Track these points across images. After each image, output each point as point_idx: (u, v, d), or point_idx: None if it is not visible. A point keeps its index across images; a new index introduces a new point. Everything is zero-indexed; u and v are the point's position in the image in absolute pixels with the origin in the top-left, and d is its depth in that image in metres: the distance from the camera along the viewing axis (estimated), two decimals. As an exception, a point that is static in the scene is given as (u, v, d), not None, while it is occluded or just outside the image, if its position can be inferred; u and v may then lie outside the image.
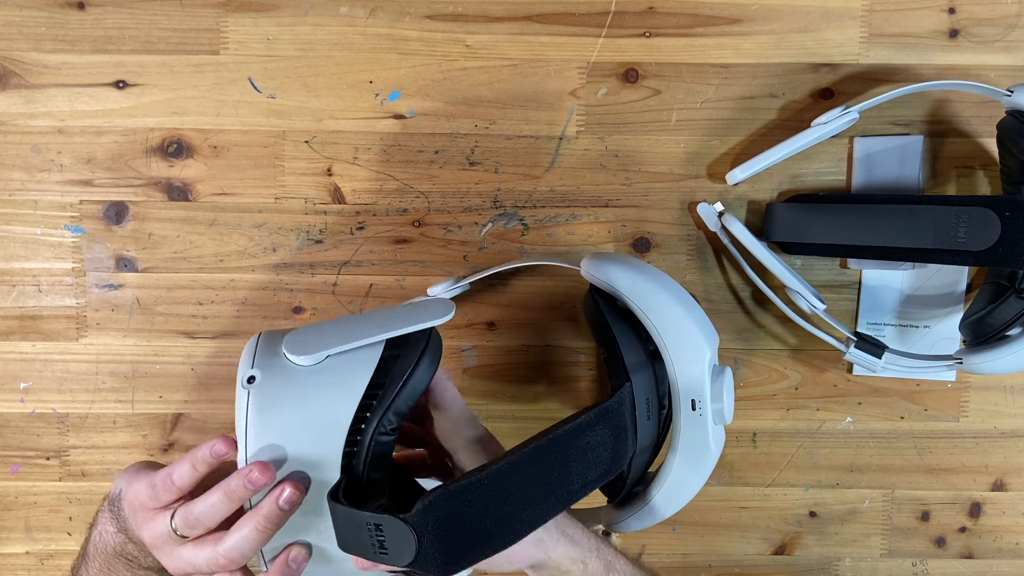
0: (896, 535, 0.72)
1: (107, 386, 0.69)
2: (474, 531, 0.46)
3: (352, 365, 0.49)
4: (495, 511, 0.46)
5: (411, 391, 0.48)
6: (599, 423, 0.51)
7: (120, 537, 0.53)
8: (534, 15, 0.67)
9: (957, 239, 0.60)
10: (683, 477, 0.57)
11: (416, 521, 0.44)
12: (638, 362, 0.55)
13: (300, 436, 0.48)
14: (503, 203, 0.68)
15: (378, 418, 0.48)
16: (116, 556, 0.54)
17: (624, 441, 0.54)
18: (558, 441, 0.49)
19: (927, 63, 0.67)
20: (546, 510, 0.49)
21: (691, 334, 0.55)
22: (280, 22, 0.66)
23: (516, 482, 0.47)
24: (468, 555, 0.46)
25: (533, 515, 0.48)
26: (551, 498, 0.49)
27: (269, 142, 0.67)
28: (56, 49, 0.66)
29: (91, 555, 0.55)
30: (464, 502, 0.45)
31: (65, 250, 0.68)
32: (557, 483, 0.49)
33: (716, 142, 0.68)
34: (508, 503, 0.47)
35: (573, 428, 0.50)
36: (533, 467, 0.48)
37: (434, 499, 0.44)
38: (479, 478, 0.46)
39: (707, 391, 0.55)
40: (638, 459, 0.56)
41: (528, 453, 0.48)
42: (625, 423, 0.54)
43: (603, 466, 0.52)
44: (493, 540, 0.47)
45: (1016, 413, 0.70)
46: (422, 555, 0.44)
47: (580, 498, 0.51)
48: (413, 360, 0.49)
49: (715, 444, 0.56)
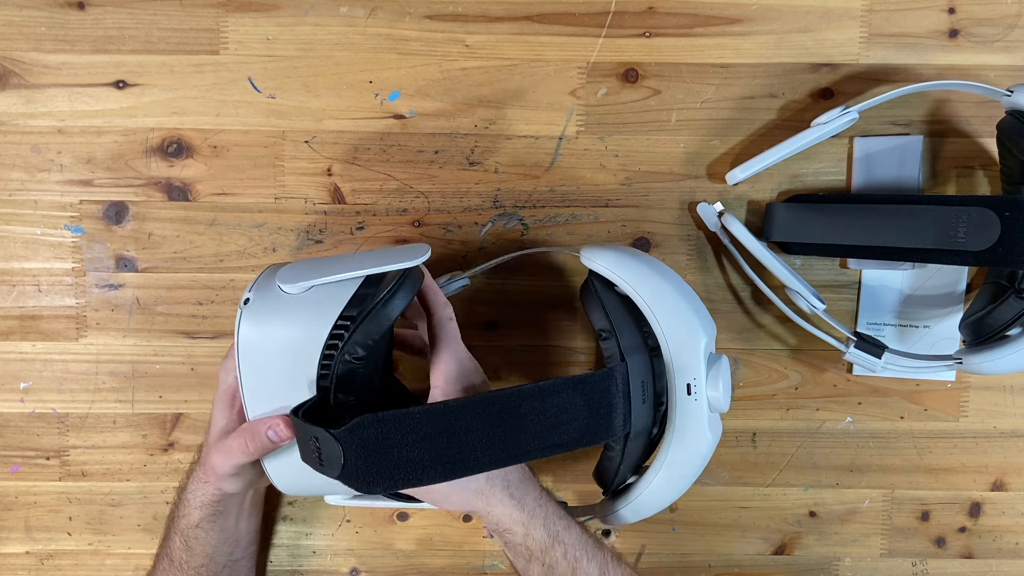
0: (896, 535, 0.72)
1: (107, 386, 0.69)
2: (400, 458, 0.49)
3: (330, 296, 0.53)
4: (426, 445, 0.49)
5: (374, 323, 0.52)
6: (570, 390, 0.53)
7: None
8: (534, 15, 0.67)
9: (957, 239, 0.60)
10: (678, 464, 0.57)
11: (343, 437, 0.48)
12: (634, 345, 0.56)
13: (281, 355, 0.53)
14: (503, 203, 0.68)
15: (343, 343, 0.52)
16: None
17: (606, 417, 0.54)
18: (512, 396, 0.51)
19: (927, 63, 0.67)
20: (489, 459, 0.51)
21: (686, 317, 0.56)
22: (280, 22, 0.66)
23: (456, 424, 0.50)
24: (391, 479, 0.50)
25: (472, 460, 0.51)
26: (496, 449, 0.51)
27: (269, 142, 0.67)
28: (56, 49, 0.66)
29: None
30: (393, 429, 0.49)
31: (65, 250, 0.68)
32: (506, 437, 0.51)
33: (716, 142, 0.68)
34: (442, 441, 0.50)
35: (533, 388, 0.52)
36: (478, 415, 0.50)
37: (361, 421, 0.49)
38: (412, 410, 0.49)
39: (702, 374, 0.55)
40: (632, 445, 0.57)
41: (475, 401, 0.51)
42: (611, 400, 0.54)
43: (570, 433, 0.53)
44: (419, 471, 0.50)
45: (1016, 413, 0.71)
46: (347, 469, 0.49)
47: (537, 457, 0.52)
48: (381, 296, 0.52)
49: (711, 431, 0.56)
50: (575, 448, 0.54)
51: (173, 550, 0.61)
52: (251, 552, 0.66)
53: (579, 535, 0.56)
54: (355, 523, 0.71)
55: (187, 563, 0.61)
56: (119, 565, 0.71)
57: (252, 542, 0.66)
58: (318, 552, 0.72)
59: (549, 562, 0.55)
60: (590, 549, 0.56)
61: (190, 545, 0.61)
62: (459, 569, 0.72)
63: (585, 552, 0.56)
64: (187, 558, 0.61)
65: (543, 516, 0.56)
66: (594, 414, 0.54)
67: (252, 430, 0.54)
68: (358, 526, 0.71)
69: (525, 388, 0.52)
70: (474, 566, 0.72)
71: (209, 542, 0.61)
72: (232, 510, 0.62)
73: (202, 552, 0.61)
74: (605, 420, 0.54)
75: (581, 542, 0.56)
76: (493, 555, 0.72)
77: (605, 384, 0.54)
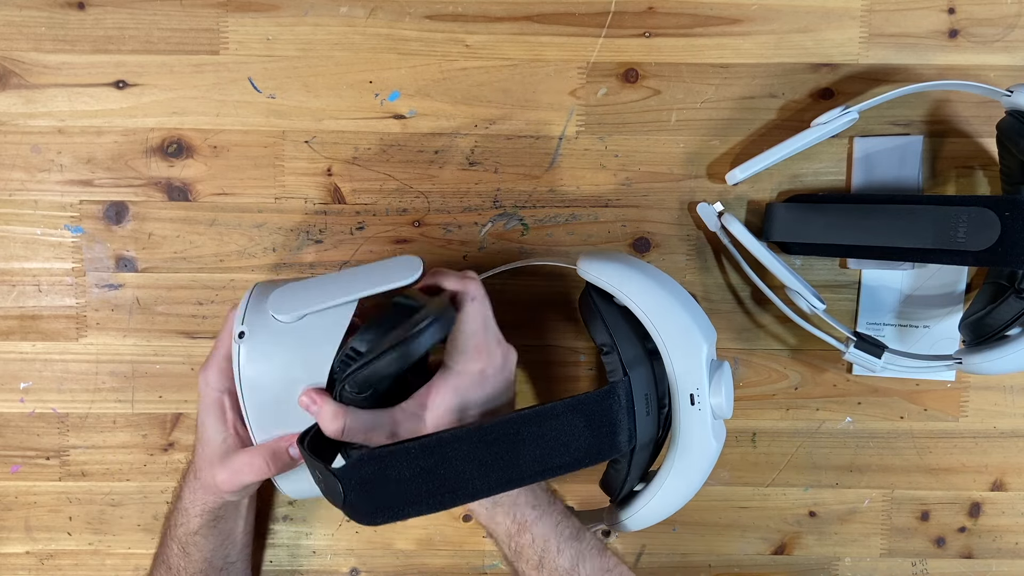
0: (896, 535, 0.72)
1: (107, 386, 0.69)
2: (400, 491, 0.50)
3: (327, 323, 0.53)
4: (423, 478, 0.50)
5: (372, 372, 0.51)
6: (569, 413, 0.53)
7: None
8: (534, 15, 0.67)
9: (957, 239, 0.60)
10: (684, 473, 0.57)
11: (341, 474, 0.50)
12: (635, 357, 0.56)
13: (282, 384, 0.53)
14: (503, 203, 0.68)
15: (343, 382, 0.52)
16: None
17: (609, 435, 0.54)
18: (509, 423, 0.52)
19: (927, 63, 0.67)
20: (486, 487, 0.52)
21: (687, 327, 0.55)
22: (280, 22, 0.66)
23: (452, 455, 0.50)
24: (393, 512, 0.51)
25: (470, 489, 0.51)
26: (493, 477, 0.51)
27: (269, 142, 0.67)
28: (56, 49, 0.66)
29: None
30: (389, 465, 0.50)
31: (65, 250, 0.68)
32: (504, 465, 0.51)
33: (716, 142, 0.68)
34: (441, 472, 0.50)
35: (531, 414, 0.52)
36: (474, 446, 0.51)
37: (358, 458, 0.50)
38: (408, 445, 0.50)
39: (705, 384, 0.55)
40: (638, 456, 0.57)
41: (471, 432, 0.51)
42: (613, 417, 0.54)
43: (572, 455, 0.53)
44: (420, 502, 0.51)
45: (1016, 413, 0.71)
46: (349, 504, 0.50)
47: (538, 480, 0.53)
48: (386, 344, 0.51)
49: (715, 439, 0.56)
50: (578, 468, 0.54)
51: (170, 556, 0.61)
52: (246, 554, 0.66)
53: (553, 525, 0.56)
54: (355, 523, 0.71)
55: (184, 569, 0.61)
56: (119, 565, 0.71)
57: (247, 543, 0.66)
58: (318, 552, 0.72)
59: (516, 547, 0.56)
60: (563, 540, 0.56)
61: (188, 552, 0.61)
62: (459, 569, 0.72)
63: (556, 541, 0.56)
64: (185, 564, 0.61)
65: (511, 503, 0.56)
66: (596, 433, 0.53)
67: (272, 453, 0.54)
68: (358, 526, 0.71)
69: (523, 413, 0.52)
70: (474, 566, 0.72)
71: (207, 547, 0.61)
72: (231, 515, 0.62)
73: (200, 558, 0.61)
74: (608, 438, 0.54)
75: (554, 532, 0.56)
76: (493, 555, 0.72)
77: (607, 403, 0.54)
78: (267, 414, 0.54)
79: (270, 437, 0.55)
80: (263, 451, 0.55)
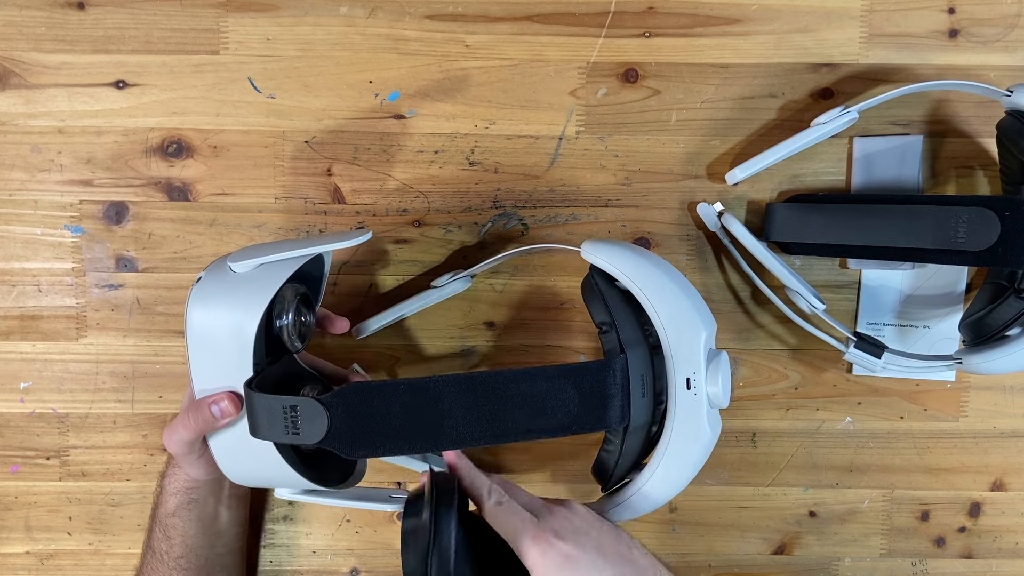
0: (896, 535, 0.72)
1: (107, 386, 0.69)
2: (383, 426, 0.52)
3: (271, 272, 0.55)
4: (408, 415, 0.52)
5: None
6: (560, 378, 0.54)
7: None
8: (534, 15, 0.67)
9: (957, 239, 0.60)
10: (677, 459, 0.57)
11: (330, 402, 0.51)
12: (633, 338, 0.56)
13: (226, 333, 0.54)
14: (503, 203, 0.68)
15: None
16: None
17: (600, 406, 0.55)
18: (497, 376, 0.53)
19: (927, 63, 0.67)
20: (470, 435, 0.53)
21: (686, 311, 0.56)
22: (280, 22, 0.66)
23: (439, 398, 0.52)
24: (373, 445, 0.52)
25: (454, 435, 0.53)
26: (478, 426, 0.53)
27: (269, 142, 0.67)
28: (56, 49, 0.66)
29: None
30: (378, 398, 0.52)
31: (65, 250, 0.68)
32: (489, 415, 0.53)
33: (716, 142, 0.68)
34: (425, 413, 0.52)
35: (520, 371, 0.54)
36: (462, 392, 0.53)
37: (349, 388, 0.52)
38: (397, 381, 0.53)
39: (702, 367, 0.55)
40: (631, 439, 0.57)
41: (459, 377, 0.53)
42: (606, 390, 0.55)
43: (559, 419, 0.54)
44: (400, 440, 0.52)
45: (1016, 413, 0.71)
46: (332, 434, 0.51)
47: (522, 439, 0.54)
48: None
49: (710, 426, 0.56)
50: (565, 434, 0.55)
51: (154, 540, 0.62)
52: (236, 548, 0.66)
53: None
54: (355, 523, 0.71)
55: (167, 553, 0.61)
56: (119, 565, 0.71)
57: (236, 537, 0.66)
58: (318, 552, 0.72)
59: None
60: None
61: (169, 534, 0.61)
62: (459, 569, 0.72)
63: None
64: (167, 548, 0.61)
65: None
66: (586, 402, 0.54)
67: (196, 406, 0.54)
68: (358, 526, 0.71)
69: (514, 370, 0.54)
70: (474, 566, 0.72)
71: (188, 532, 0.61)
72: (209, 500, 0.62)
73: (180, 542, 0.61)
74: (598, 410, 0.55)
75: None
76: (493, 555, 0.72)
77: (601, 375, 0.55)
78: (207, 361, 0.55)
79: (208, 390, 0.55)
80: (191, 407, 0.55)
